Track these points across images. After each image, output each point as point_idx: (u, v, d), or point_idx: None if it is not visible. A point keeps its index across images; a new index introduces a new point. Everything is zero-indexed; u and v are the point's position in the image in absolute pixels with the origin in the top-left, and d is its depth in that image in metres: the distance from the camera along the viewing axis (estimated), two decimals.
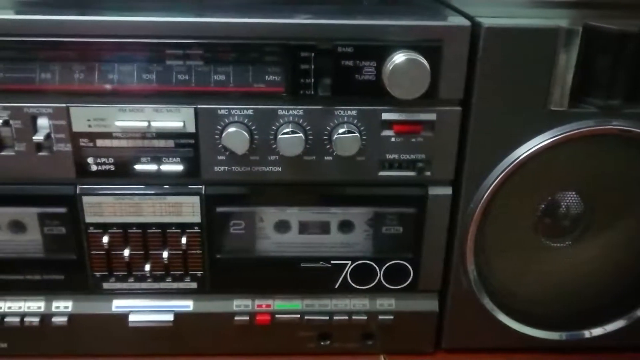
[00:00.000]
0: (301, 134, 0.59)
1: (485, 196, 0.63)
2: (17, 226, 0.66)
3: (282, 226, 0.68)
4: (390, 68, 0.57)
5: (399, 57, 0.57)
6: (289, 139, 0.59)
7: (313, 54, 0.58)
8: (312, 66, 0.59)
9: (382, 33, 0.58)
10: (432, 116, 0.61)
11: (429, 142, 0.62)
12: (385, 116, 0.61)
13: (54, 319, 0.68)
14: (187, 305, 0.69)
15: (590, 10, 0.71)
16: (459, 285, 0.68)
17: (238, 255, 0.67)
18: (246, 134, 0.59)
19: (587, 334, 0.71)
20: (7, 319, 0.68)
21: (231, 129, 0.59)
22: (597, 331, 0.71)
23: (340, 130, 0.60)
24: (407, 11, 0.67)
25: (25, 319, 0.67)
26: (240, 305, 0.69)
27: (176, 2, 0.66)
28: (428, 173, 0.63)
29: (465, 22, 0.58)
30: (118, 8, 0.61)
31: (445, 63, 0.59)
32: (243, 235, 0.66)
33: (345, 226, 0.68)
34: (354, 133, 0.60)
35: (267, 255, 0.68)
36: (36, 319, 0.68)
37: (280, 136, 0.59)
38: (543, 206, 0.67)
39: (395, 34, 0.58)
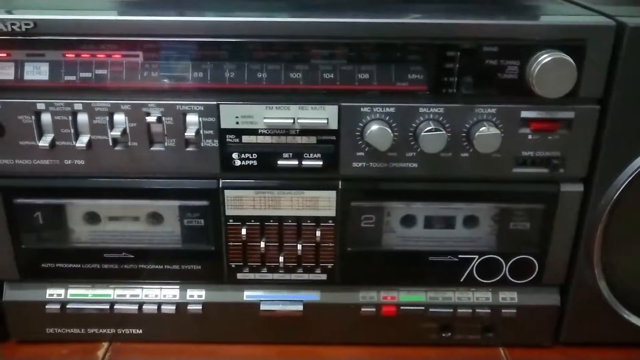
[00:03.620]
0: (444, 132, 0.61)
1: (616, 193, 0.64)
2: (155, 218, 0.69)
3: (408, 220, 0.69)
4: (537, 67, 0.58)
5: (546, 57, 0.58)
6: (433, 136, 0.61)
7: (458, 53, 0.60)
8: (457, 65, 0.60)
9: (528, 32, 0.59)
10: (570, 114, 0.62)
11: (565, 140, 0.63)
12: (525, 114, 0.62)
13: (189, 307, 0.71)
14: (314, 296, 0.71)
15: None
16: (582, 280, 0.69)
17: (367, 248, 0.69)
18: (390, 131, 0.61)
19: None
20: (145, 307, 0.71)
21: (375, 126, 0.61)
22: None
23: (482, 128, 0.61)
24: (534, 9, 0.68)
25: (162, 307, 0.71)
26: (365, 296, 0.71)
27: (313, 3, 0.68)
28: (562, 170, 0.64)
29: (610, 22, 0.59)
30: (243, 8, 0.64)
31: (588, 62, 0.59)
32: (373, 229, 0.68)
33: (470, 221, 0.69)
34: (496, 130, 0.61)
35: (394, 249, 0.70)
36: (172, 307, 0.71)
37: (423, 133, 0.61)
38: None
39: (541, 33, 0.59)
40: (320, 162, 0.64)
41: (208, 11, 0.62)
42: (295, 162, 0.64)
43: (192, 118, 0.63)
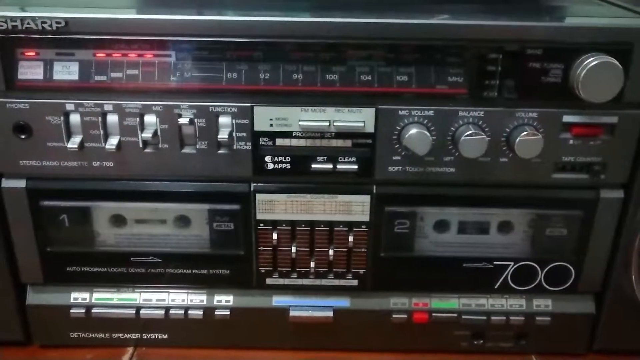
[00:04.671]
0: (484, 136, 0.59)
1: None
2: (182, 221, 0.68)
3: (441, 225, 0.68)
4: (583, 71, 0.56)
5: (592, 60, 0.56)
6: (474, 140, 0.59)
7: (501, 56, 0.58)
8: (499, 68, 0.58)
9: (573, 35, 0.57)
10: (613, 119, 0.60)
11: (607, 145, 0.62)
12: (567, 118, 0.60)
13: (217, 312, 0.69)
14: (345, 302, 0.70)
15: None
16: (619, 288, 0.68)
17: (400, 253, 0.68)
18: (429, 136, 0.59)
19: None
20: (172, 311, 0.69)
21: (414, 130, 0.60)
22: None
23: (524, 133, 0.59)
24: (576, 11, 0.66)
25: (189, 312, 0.69)
26: (397, 303, 0.70)
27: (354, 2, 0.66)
28: (602, 176, 0.63)
29: None
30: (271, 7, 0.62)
31: (634, 66, 0.58)
32: (406, 234, 0.67)
33: (505, 227, 0.68)
34: (538, 135, 0.59)
35: (427, 254, 0.68)
36: (199, 312, 0.69)
37: (464, 138, 0.59)
38: None
39: (586, 36, 0.57)
40: (356, 166, 0.63)
41: (240, 10, 0.61)
42: (330, 166, 0.63)
43: (224, 120, 0.61)
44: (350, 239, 0.66)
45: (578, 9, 0.68)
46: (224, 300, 0.70)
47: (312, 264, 0.67)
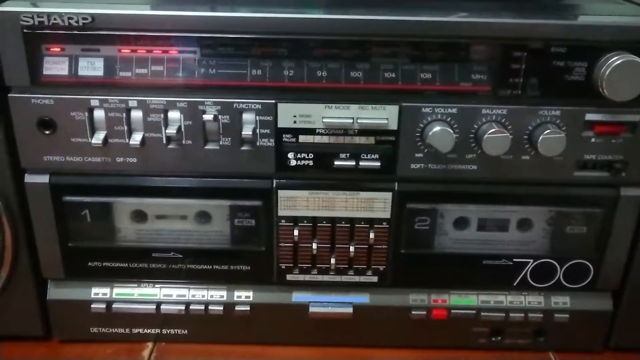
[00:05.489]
0: (508, 134, 0.60)
1: None
2: (203, 217, 0.68)
3: (461, 223, 0.68)
4: (608, 69, 0.57)
5: (617, 59, 0.56)
6: (498, 138, 0.59)
7: (525, 54, 0.58)
8: (523, 66, 0.59)
9: (598, 33, 0.58)
10: (636, 117, 0.61)
11: (629, 143, 0.62)
12: (589, 117, 0.61)
13: (237, 308, 0.70)
14: (364, 298, 0.70)
15: None
16: (637, 286, 0.68)
17: (420, 250, 0.68)
18: (453, 133, 0.60)
19: None
20: (192, 307, 0.70)
21: (437, 128, 0.60)
22: None
23: (547, 131, 0.59)
24: (598, 10, 0.66)
25: (210, 307, 0.70)
26: (416, 299, 0.70)
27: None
28: (623, 174, 0.63)
29: None
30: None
31: None
32: (426, 231, 0.67)
33: (525, 224, 0.68)
34: (561, 134, 0.60)
35: (447, 251, 0.68)
36: (219, 308, 0.70)
37: (488, 135, 0.59)
38: None
39: (611, 34, 0.58)
40: (378, 163, 0.63)
41: (264, 7, 0.61)
42: (352, 163, 0.63)
43: (248, 116, 0.61)
44: (371, 235, 0.66)
45: (600, 7, 0.68)
46: (244, 296, 0.70)
47: (333, 261, 0.68)
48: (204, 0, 0.63)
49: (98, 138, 0.61)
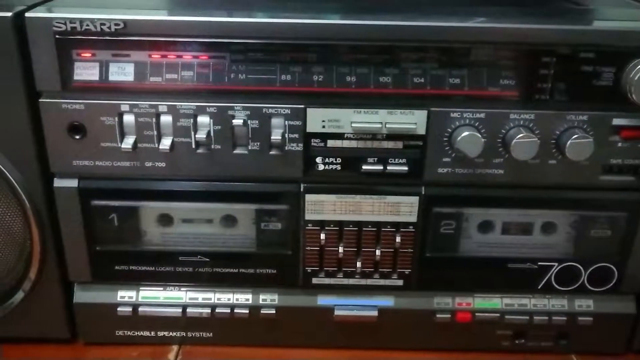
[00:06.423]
0: (536, 139, 0.60)
1: None
2: (228, 220, 0.68)
3: (485, 226, 0.69)
4: (637, 75, 0.57)
5: None
6: (526, 143, 0.60)
7: (554, 59, 0.59)
8: (551, 71, 0.59)
9: (626, 39, 0.58)
10: None
11: None
12: (616, 121, 0.61)
13: (262, 311, 0.70)
14: (389, 301, 0.70)
15: None
16: None
17: (445, 254, 0.68)
18: (481, 138, 0.60)
19: None
20: (217, 310, 0.70)
21: (466, 133, 0.60)
22: None
23: (575, 136, 0.60)
24: (622, 15, 0.67)
25: (235, 310, 0.70)
26: (440, 302, 0.70)
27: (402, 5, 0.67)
28: None
29: None
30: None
31: None
32: (451, 234, 0.68)
33: (549, 227, 0.68)
34: (589, 138, 0.60)
35: (472, 255, 0.69)
36: (245, 311, 0.70)
37: (516, 140, 0.60)
38: None
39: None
40: (406, 168, 0.63)
41: (291, 12, 0.61)
42: (380, 167, 0.63)
43: (277, 121, 0.62)
44: (397, 239, 0.67)
45: (619, 12, 0.69)
46: (269, 299, 0.70)
47: (359, 264, 0.68)
48: (232, 7, 0.63)
49: (128, 143, 0.62)
